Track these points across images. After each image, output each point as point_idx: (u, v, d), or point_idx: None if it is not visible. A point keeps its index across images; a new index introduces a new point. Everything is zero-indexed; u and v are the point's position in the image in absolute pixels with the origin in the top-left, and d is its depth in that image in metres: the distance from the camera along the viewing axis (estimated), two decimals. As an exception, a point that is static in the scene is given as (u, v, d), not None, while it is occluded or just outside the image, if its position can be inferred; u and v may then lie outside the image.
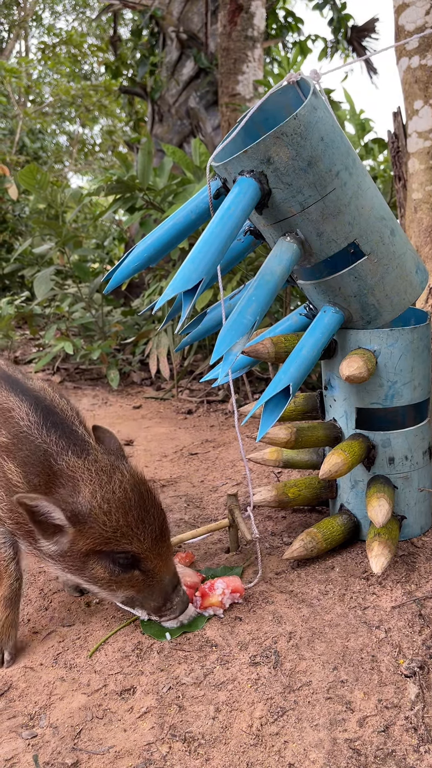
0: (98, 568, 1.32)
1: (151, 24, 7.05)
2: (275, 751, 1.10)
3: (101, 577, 1.33)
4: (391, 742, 1.11)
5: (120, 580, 1.33)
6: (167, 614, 1.39)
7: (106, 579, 1.33)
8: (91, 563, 1.32)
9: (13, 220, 7.03)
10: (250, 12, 5.71)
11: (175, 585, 1.39)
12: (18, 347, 5.40)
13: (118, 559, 1.32)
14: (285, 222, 1.46)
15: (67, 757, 1.13)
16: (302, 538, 1.63)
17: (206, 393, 3.82)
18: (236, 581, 1.49)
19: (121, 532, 1.30)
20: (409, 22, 2.38)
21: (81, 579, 1.36)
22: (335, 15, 7.56)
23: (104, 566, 1.32)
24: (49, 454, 1.35)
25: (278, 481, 2.19)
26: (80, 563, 1.32)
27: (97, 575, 1.33)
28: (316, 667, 1.28)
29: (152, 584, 1.36)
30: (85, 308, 4.56)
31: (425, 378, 1.66)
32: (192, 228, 1.54)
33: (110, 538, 1.29)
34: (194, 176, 3.84)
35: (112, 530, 1.29)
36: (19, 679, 1.34)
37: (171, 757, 1.11)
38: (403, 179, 2.54)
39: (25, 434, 1.36)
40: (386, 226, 1.51)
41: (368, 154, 4.04)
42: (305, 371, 1.44)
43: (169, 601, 1.38)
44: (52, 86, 14.34)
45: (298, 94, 1.49)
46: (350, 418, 1.66)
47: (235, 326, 1.31)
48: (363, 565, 1.62)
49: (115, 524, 1.29)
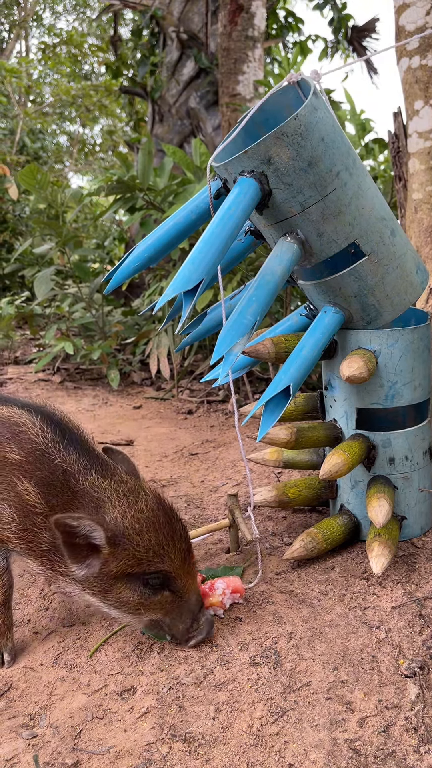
0: (126, 591, 1.27)
1: (152, 24, 7.05)
2: (275, 751, 1.10)
3: (128, 601, 1.28)
4: (392, 743, 1.11)
5: (149, 603, 1.29)
6: (195, 635, 1.34)
7: (134, 602, 1.28)
8: (118, 586, 1.27)
9: (13, 220, 7.03)
10: (251, 12, 5.71)
11: (201, 604, 1.35)
12: (18, 347, 5.40)
13: (149, 580, 1.27)
14: (285, 222, 1.46)
15: (68, 757, 1.13)
16: (302, 538, 1.63)
17: (206, 393, 3.82)
18: (236, 581, 1.49)
19: (153, 551, 1.26)
20: (410, 22, 2.38)
21: (103, 602, 1.29)
22: (336, 15, 7.56)
23: (133, 589, 1.27)
24: (70, 473, 1.29)
25: (278, 482, 2.19)
26: (107, 586, 1.27)
27: (124, 599, 1.28)
28: (317, 668, 1.28)
29: (181, 605, 1.32)
30: (86, 308, 4.56)
31: (425, 378, 1.66)
32: (192, 228, 1.54)
33: (143, 558, 1.26)
34: (194, 176, 3.84)
35: (145, 550, 1.25)
36: (20, 680, 1.34)
37: (171, 758, 1.11)
38: (403, 179, 2.54)
39: (41, 452, 1.30)
40: (387, 227, 1.51)
41: (368, 155, 4.04)
42: (305, 371, 1.44)
43: (196, 621, 1.34)
44: (53, 86, 14.35)
45: (298, 94, 1.49)
46: (350, 418, 1.66)
47: (235, 326, 1.31)
48: (363, 566, 1.62)
49: (147, 544, 1.26)
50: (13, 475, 1.29)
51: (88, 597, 1.31)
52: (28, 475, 1.29)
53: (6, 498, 1.29)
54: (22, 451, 1.30)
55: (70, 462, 1.31)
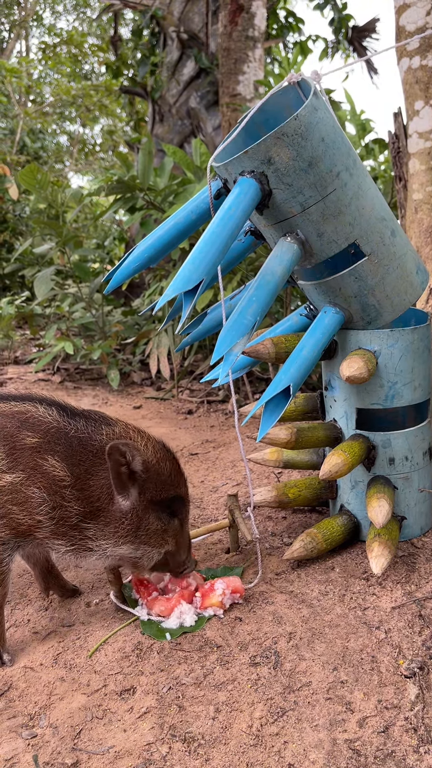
0: (153, 520, 1.40)
1: (152, 24, 7.05)
2: (275, 751, 1.10)
3: (155, 530, 1.41)
4: (391, 743, 1.11)
5: (168, 529, 1.42)
6: (187, 568, 1.49)
7: (159, 531, 1.41)
8: (147, 517, 1.39)
9: (13, 220, 7.03)
10: (251, 12, 5.71)
11: (190, 540, 1.52)
12: (18, 347, 5.40)
13: (168, 506, 1.42)
14: (285, 222, 1.46)
15: (67, 757, 1.13)
16: (302, 538, 1.63)
17: (206, 393, 3.82)
18: (236, 582, 1.49)
19: (172, 477, 1.43)
20: (410, 22, 2.39)
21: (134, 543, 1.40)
22: (336, 15, 7.56)
23: (158, 517, 1.41)
24: (86, 439, 1.39)
25: (278, 482, 2.19)
26: (138, 520, 1.39)
27: (152, 529, 1.40)
28: (316, 668, 1.28)
29: (182, 535, 1.47)
30: (86, 308, 4.56)
31: (425, 379, 1.66)
32: (193, 228, 1.55)
33: (166, 483, 1.41)
34: (195, 176, 3.84)
35: (167, 476, 1.41)
36: (19, 680, 1.34)
37: (171, 758, 1.11)
38: (403, 180, 2.54)
39: (56, 429, 1.38)
40: (387, 227, 1.51)
41: (369, 155, 4.04)
42: (305, 372, 1.44)
43: (188, 555, 1.49)
44: (53, 86, 14.35)
45: (298, 94, 1.49)
46: (350, 418, 1.66)
47: (235, 327, 1.31)
48: (363, 566, 1.62)
49: (168, 471, 1.42)
50: (36, 457, 1.35)
51: (119, 549, 1.40)
52: (50, 452, 1.36)
53: (34, 482, 1.35)
54: (37, 433, 1.37)
55: (81, 429, 1.40)
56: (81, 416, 1.43)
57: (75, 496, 1.35)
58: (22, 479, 1.34)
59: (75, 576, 1.74)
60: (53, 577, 1.61)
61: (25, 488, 1.34)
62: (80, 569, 1.77)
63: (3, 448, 1.35)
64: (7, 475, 1.34)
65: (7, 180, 6.35)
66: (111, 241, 6.18)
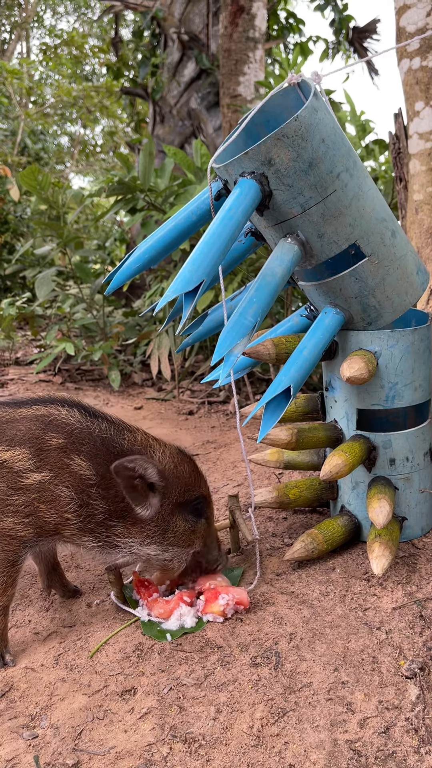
0: (180, 522, 1.45)
1: (153, 25, 7.06)
2: (276, 752, 1.10)
3: (183, 532, 1.46)
4: (392, 744, 1.11)
5: (195, 530, 1.48)
6: (219, 563, 1.53)
7: (187, 532, 1.46)
8: (173, 520, 1.44)
9: (14, 221, 7.04)
10: (252, 13, 5.71)
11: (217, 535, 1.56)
12: (19, 348, 5.41)
13: (194, 507, 1.47)
14: (286, 223, 1.46)
15: (68, 758, 1.13)
16: (303, 539, 1.63)
17: (207, 394, 3.83)
18: (242, 594, 1.48)
19: (193, 479, 1.48)
20: (411, 23, 2.39)
21: (162, 544, 1.44)
22: (337, 16, 7.57)
23: (185, 518, 1.46)
24: (108, 440, 1.43)
25: (279, 483, 2.19)
26: (164, 524, 1.44)
27: (179, 531, 1.45)
28: (317, 668, 1.28)
29: (210, 533, 1.52)
30: (87, 309, 4.56)
31: (426, 379, 1.66)
32: (193, 229, 1.55)
33: (188, 485, 1.46)
34: (195, 177, 3.84)
35: (187, 478, 1.46)
36: (20, 680, 1.35)
37: (171, 758, 1.11)
38: (404, 180, 2.54)
39: (80, 429, 1.42)
40: (387, 228, 1.52)
41: (369, 156, 4.04)
42: (306, 372, 1.44)
43: (220, 550, 1.55)
44: (54, 87, 14.36)
45: (299, 95, 1.49)
46: (351, 419, 1.66)
47: (236, 327, 1.31)
48: (364, 567, 1.62)
49: (188, 473, 1.47)
50: (64, 457, 1.39)
51: (146, 549, 1.44)
52: (76, 451, 1.40)
53: (62, 481, 1.39)
54: (63, 434, 1.41)
55: (104, 430, 1.45)
56: (103, 418, 1.48)
57: (101, 495, 1.40)
58: (50, 478, 1.38)
59: (76, 577, 1.74)
60: (57, 576, 1.62)
61: (54, 487, 1.38)
62: (81, 570, 1.78)
63: (30, 450, 1.39)
64: (35, 474, 1.38)
65: (8, 181, 6.36)
66: (112, 242, 6.19)
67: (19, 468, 1.38)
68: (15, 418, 1.44)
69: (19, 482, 1.38)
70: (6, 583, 1.41)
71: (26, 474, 1.38)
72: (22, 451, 1.39)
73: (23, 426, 1.42)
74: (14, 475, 1.38)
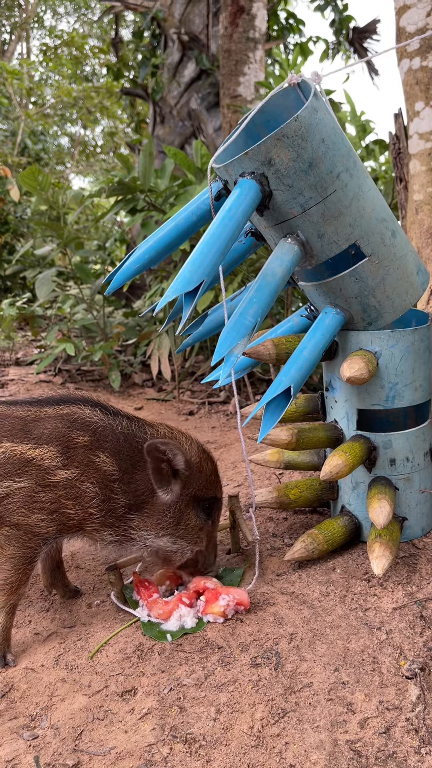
0: (192, 516, 1.49)
1: (153, 26, 7.06)
2: (276, 752, 1.10)
3: (194, 527, 1.50)
4: (392, 744, 1.11)
5: (204, 528, 1.51)
6: (213, 568, 1.57)
7: (197, 528, 1.50)
8: (187, 513, 1.48)
9: (14, 221, 7.04)
10: (252, 13, 5.72)
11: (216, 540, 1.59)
12: (20, 348, 5.41)
13: (208, 506, 1.51)
14: (286, 224, 1.46)
15: (68, 758, 1.13)
16: (303, 539, 1.63)
17: (207, 394, 3.83)
18: (243, 595, 1.48)
19: (212, 479, 1.52)
20: (411, 23, 2.39)
21: (173, 535, 1.48)
22: (337, 16, 7.57)
23: (197, 515, 1.50)
24: (131, 436, 1.48)
25: (279, 483, 2.19)
26: (179, 514, 1.47)
27: (190, 525, 1.49)
28: (317, 669, 1.28)
29: (213, 536, 1.55)
30: (87, 309, 4.56)
31: (426, 379, 1.66)
32: (193, 229, 1.55)
33: (207, 483, 1.50)
34: (195, 178, 3.84)
35: (208, 476, 1.50)
36: (21, 681, 1.35)
37: (172, 759, 1.11)
38: (404, 180, 2.54)
39: (103, 427, 1.46)
40: (387, 228, 1.52)
41: (369, 156, 4.04)
42: (306, 373, 1.44)
43: (215, 557, 1.58)
44: (54, 88, 14.37)
45: (299, 96, 1.49)
46: (351, 419, 1.66)
47: (236, 328, 1.31)
48: (364, 567, 1.62)
49: (209, 471, 1.51)
50: (89, 454, 1.43)
51: (159, 540, 1.48)
52: (100, 449, 1.45)
53: (87, 477, 1.43)
54: (87, 432, 1.45)
55: (126, 427, 1.49)
56: (123, 415, 1.52)
57: (122, 489, 1.44)
58: (77, 475, 1.42)
59: (76, 577, 1.74)
60: (60, 575, 1.63)
61: (80, 483, 1.42)
62: (81, 570, 1.78)
63: (57, 448, 1.42)
64: (62, 471, 1.41)
65: (8, 182, 6.36)
66: (112, 243, 6.18)
67: (47, 465, 1.41)
68: (41, 417, 1.47)
69: (47, 479, 1.41)
70: (20, 581, 1.42)
71: (54, 471, 1.41)
72: (50, 449, 1.42)
73: (49, 425, 1.45)
74: (42, 473, 1.41)
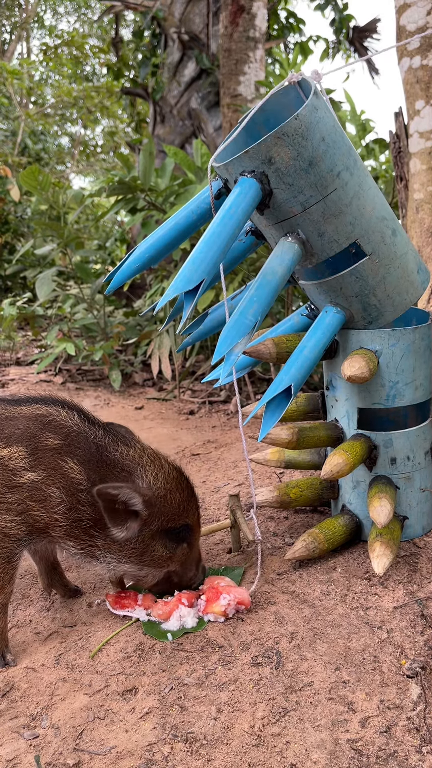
0: (159, 547, 1.43)
1: (153, 25, 7.06)
2: (277, 751, 1.10)
3: (160, 557, 1.44)
4: (393, 743, 1.10)
5: (173, 555, 1.45)
6: (195, 582, 1.52)
7: (164, 557, 1.44)
8: (153, 544, 1.42)
9: (15, 221, 7.04)
10: (252, 13, 5.71)
11: (200, 554, 1.54)
12: (20, 348, 5.41)
13: (176, 534, 1.44)
14: (286, 222, 1.46)
15: (69, 758, 1.13)
16: (304, 538, 1.63)
17: (208, 394, 3.83)
18: (244, 594, 1.48)
19: (182, 507, 1.44)
20: (411, 22, 2.39)
21: (138, 564, 1.43)
22: (337, 15, 7.57)
23: (164, 544, 1.44)
24: (102, 447, 1.42)
25: (280, 482, 2.19)
26: (143, 547, 1.42)
27: (156, 555, 1.43)
28: (318, 668, 1.28)
29: (191, 555, 1.50)
30: (87, 309, 4.56)
31: (427, 378, 1.66)
32: (193, 228, 1.55)
33: (174, 514, 1.43)
34: (196, 177, 3.84)
35: (176, 507, 1.43)
36: (21, 680, 1.34)
37: (173, 758, 1.11)
38: (404, 179, 2.54)
39: (76, 433, 1.42)
40: (388, 227, 1.51)
41: (369, 155, 4.04)
42: (307, 372, 1.43)
43: (198, 569, 1.52)
44: (54, 87, 14.37)
45: (299, 94, 1.49)
46: (352, 418, 1.66)
47: (236, 327, 1.31)
48: (365, 566, 1.62)
49: (177, 501, 1.43)
50: (57, 458, 1.39)
51: (123, 566, 1.44)
52: (70, 455, 1.40)
53: (54, 482, 1.39)
54: (59, 436, 1.41)
55: (99, 437, 1.43)
56: (100, 426, 1.46)
57: (90, 502, 1.38)
58: (43, 478, 1.38)
59: (77, 576, 1.74)
60: (57, 575, 1.63)
61: (45, 487, 1.38)
62: (82, 570, 1.78)
63: (26, 448, 1.39)
64: (28, 473, 1.39)
65: (8, 181, 6.37)
66: (112, 242, 6.19)
67: (14, 466, 1.38)
68: (14, 416, 1.44)
69: (13, 480, 1.38)
70: (3, 581, 1.41)
71: (20, 472, 1.38)
72: (18, 449, 1.39)
73: (21, 424, 1.42)
74: (9, 473, 1.38)
